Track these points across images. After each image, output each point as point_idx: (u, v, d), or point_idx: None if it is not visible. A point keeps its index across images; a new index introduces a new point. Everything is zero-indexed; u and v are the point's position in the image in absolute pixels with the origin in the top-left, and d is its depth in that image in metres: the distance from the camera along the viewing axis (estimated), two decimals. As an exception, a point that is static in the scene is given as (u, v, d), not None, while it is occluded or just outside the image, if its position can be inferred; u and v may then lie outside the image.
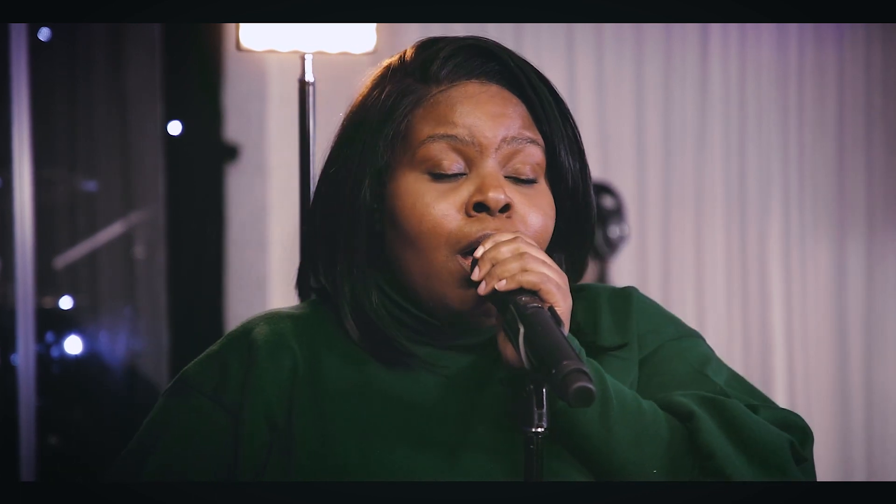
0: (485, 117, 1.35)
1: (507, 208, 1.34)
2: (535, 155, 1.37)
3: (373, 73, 1.44)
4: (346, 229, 1.38)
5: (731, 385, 1.43)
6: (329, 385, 1.36)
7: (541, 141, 1.38)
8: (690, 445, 1.34)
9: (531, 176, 1.36)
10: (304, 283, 1.45)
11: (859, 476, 4.72)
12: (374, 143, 1.37)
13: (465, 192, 1.34)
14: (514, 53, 1.41)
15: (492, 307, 1.33)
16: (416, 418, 1.36)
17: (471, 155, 1.35)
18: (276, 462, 1.34)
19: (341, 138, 1.42)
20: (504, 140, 1.35)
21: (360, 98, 1.42)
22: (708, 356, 1.46)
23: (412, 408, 1.36)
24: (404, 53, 1.42)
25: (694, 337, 1.48)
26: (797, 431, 1.39)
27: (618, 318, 1.45)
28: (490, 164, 1.35)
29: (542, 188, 1.38)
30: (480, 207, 1.33)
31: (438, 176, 1.35)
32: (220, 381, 1.36)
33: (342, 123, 1.43)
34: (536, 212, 1.36)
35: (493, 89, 1.38)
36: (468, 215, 1.34)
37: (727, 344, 4.54)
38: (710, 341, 1.53)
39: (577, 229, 1.42)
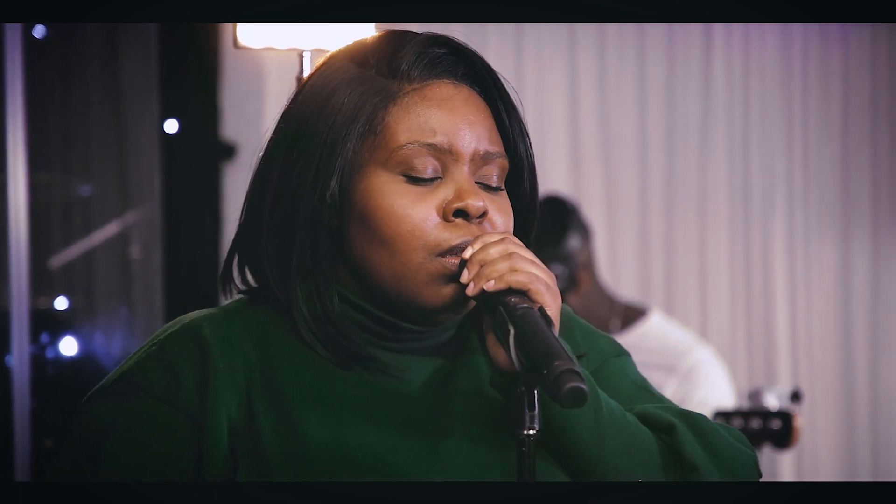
0: (462, 125, 1.36)
1: (483, 215, 1.35)
2: (502, 164, 1.38)
3: (322, 63, 1.41)
4: (307, 226, 1.35)
5: (669, 402, 1.46)
6: (289, 387, 1.33)
7: (503, 150, 1.39)
8: (672, 457, 1.35)
9: (498, 184, 1.38)
10: (231, 278, 1.41)
11: (864, 476, 4.71)
12: (343, 137, 1.35)
13: (441, 196, 1.34)
14: (478, 53, 1.41)
15: (465, 306, 1.33)
16: (390, 412, 1.35)
17: (446, 162, 1.35)
18: (243, 467, 1.31)
19: (296, 129, 1.38)
20: (477, 152, 1.36)
21: (312, 89, 1.39)
22: (642, 375, 1.49)
23: (378, 409, 1.35)
24: (364, 44, 1.40)
25: (627, 355, 1.50)
26: (751, 449, 1.42)
27: (563, 333, 1.44)
28: (465, 172, 1.35)
29: (504, 193, 1.40)
30: (459, 213, 1.34)
31: (414, 179, 1.34)
32: (170, 382, 1.32)
33: (292, 113, 1.39)
34: (503, 216, 1.37)
35: (465, 92, 1.38)
36: (446, 220, 1.33)
37: (731, 344, 4.53)
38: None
39: (524, 227, 1.44)
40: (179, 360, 1.32)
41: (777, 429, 2.93)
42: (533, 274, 1.28)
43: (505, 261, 1.28)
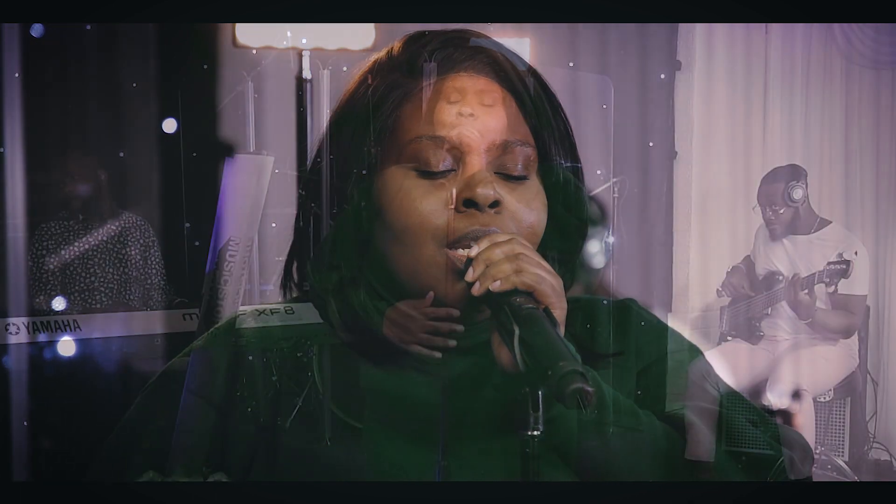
0: (472, 116, 1.34)
1: (496, 204, 1.33)
2: (524, 153, 1.36)
3: (361, 67, 1.42)
4: (333, 226, 1.37)
5: (730, 400, 1.43)
6: (315, 386, 1.35)
7: (530, 139, 1.37)
8: (685, 458, 1.34)
9: (522, 173, 1.36)
10: (288, 280, 1.44)
11: (867, 476, 4.71)
12: (361, 138, 1.36)
13: (453, 188, 1.33)
14: (502, 45, 1.40)
15: (482, 304, 1.31)
16: (408, 416, 1.35)
17: (458, 154, 1.34)
18: (263, 460, 1.33)
19: (328, 133, 1.41)
20: (493, 142, 1.34)
21: (348, 93, 1.41)
22: (707, 370, 1.47)
23: (404, 406, 1.35)
24: (392, 48, 1.41)
25: (693, 351, 1.48)
26: (797, 449, 1.39)
27: (617, 329, 1.44)
28: (479, 162, 1.34)
29: (534, 184, 1.37)
30: (469, 204, 1.32)
31: (426, 173, 1.34)
32: (206, 377, 1.36)
33: (330, 118, 1.42)
34: (527, 208, 1.35)
35: (481, 83, 1.37)
36: (457, 211, 1.32)
37: (732, 344, 4.53)
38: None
39: (569, 225, 1.41)
40: (217, 356, 1.37)
41: None
42: (539, 275, 1.27)
43: (511, 262, 1.27)
